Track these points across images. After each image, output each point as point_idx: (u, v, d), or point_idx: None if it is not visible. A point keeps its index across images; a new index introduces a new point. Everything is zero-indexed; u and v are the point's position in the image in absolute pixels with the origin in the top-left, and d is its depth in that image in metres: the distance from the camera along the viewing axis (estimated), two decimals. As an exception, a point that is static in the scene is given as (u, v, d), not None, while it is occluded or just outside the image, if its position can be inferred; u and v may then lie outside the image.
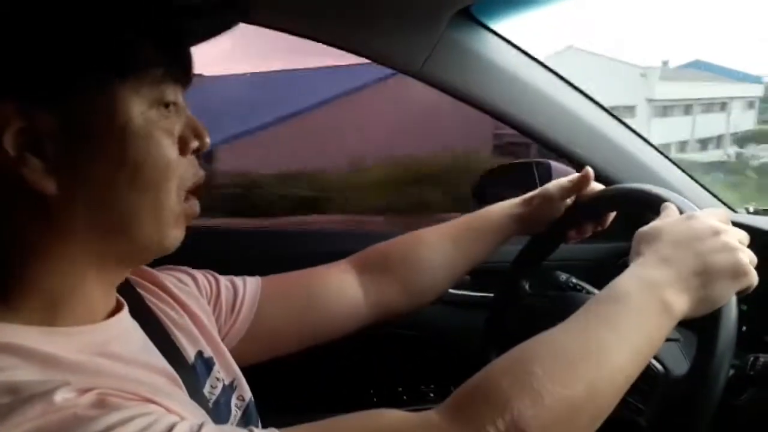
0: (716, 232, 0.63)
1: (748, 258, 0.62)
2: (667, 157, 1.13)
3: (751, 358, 0.71)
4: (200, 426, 0.45)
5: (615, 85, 10.57)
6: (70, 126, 0.48)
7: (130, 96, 0.50)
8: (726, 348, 0.60)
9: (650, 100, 12.11)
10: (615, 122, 1.10)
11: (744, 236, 0.65)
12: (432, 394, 1.21)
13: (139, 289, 0.66)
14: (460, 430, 0.48)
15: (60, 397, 0.42)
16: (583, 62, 11.21)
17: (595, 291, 0.99)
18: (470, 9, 0.98)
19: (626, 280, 0.60)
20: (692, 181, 1.12)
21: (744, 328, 0.73)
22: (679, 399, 0.57)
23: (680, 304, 0.59)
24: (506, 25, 1.04)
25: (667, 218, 0.67)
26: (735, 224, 0.66)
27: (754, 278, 0.62)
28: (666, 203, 0.69)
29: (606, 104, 1.11)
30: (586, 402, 0.51)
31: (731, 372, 0.67)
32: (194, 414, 0.53)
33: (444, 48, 0.99)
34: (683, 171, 1.12)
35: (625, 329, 0.56)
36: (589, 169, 0.89)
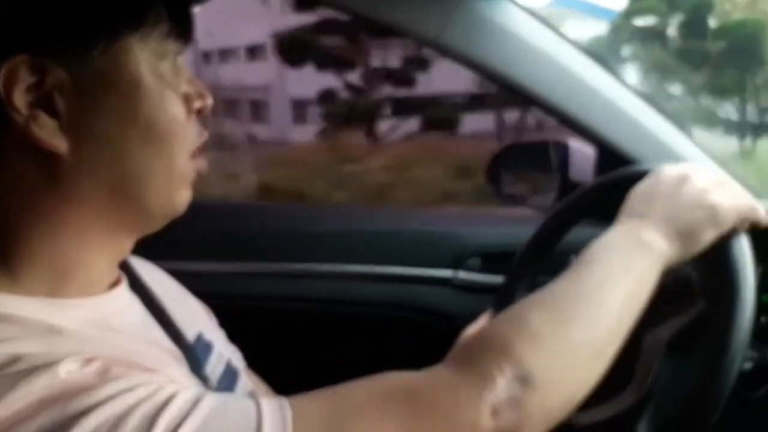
0: (682, 179, 0.64)
1: (722, 197, 0.62)
2: (690, 138, 1.09)
3: None
4: (204, 393, 0.44)
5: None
6: (83, 80, 0.47)
7: (140, 49, 0.50)
8: (738, 345, 0.57)
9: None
10: (637, 99, 1.07)
11: (718, 177, 0.65)
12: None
13: (136, 270, 0.65)
14: (468, 378, 0.48)
15: (64, 370, 0.42)
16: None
17: None
18: (489, -24, 0.94)
19: (605, 235, 0.62)
20: (715, 165, 1.08)
21: (762, 319, 0.71)
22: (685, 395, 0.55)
23: (658, 240, 0.60)
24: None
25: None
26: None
27: (731, 216, 0.61)
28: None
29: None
30: (583, 341, 0.53)
31: (748, 365, 0.66)
32: (198, 387, 0.52)
33: (462, 17, 0.95)
34: (706, 153, 1.08)
35: (609, 269, 0.57)
36: None
